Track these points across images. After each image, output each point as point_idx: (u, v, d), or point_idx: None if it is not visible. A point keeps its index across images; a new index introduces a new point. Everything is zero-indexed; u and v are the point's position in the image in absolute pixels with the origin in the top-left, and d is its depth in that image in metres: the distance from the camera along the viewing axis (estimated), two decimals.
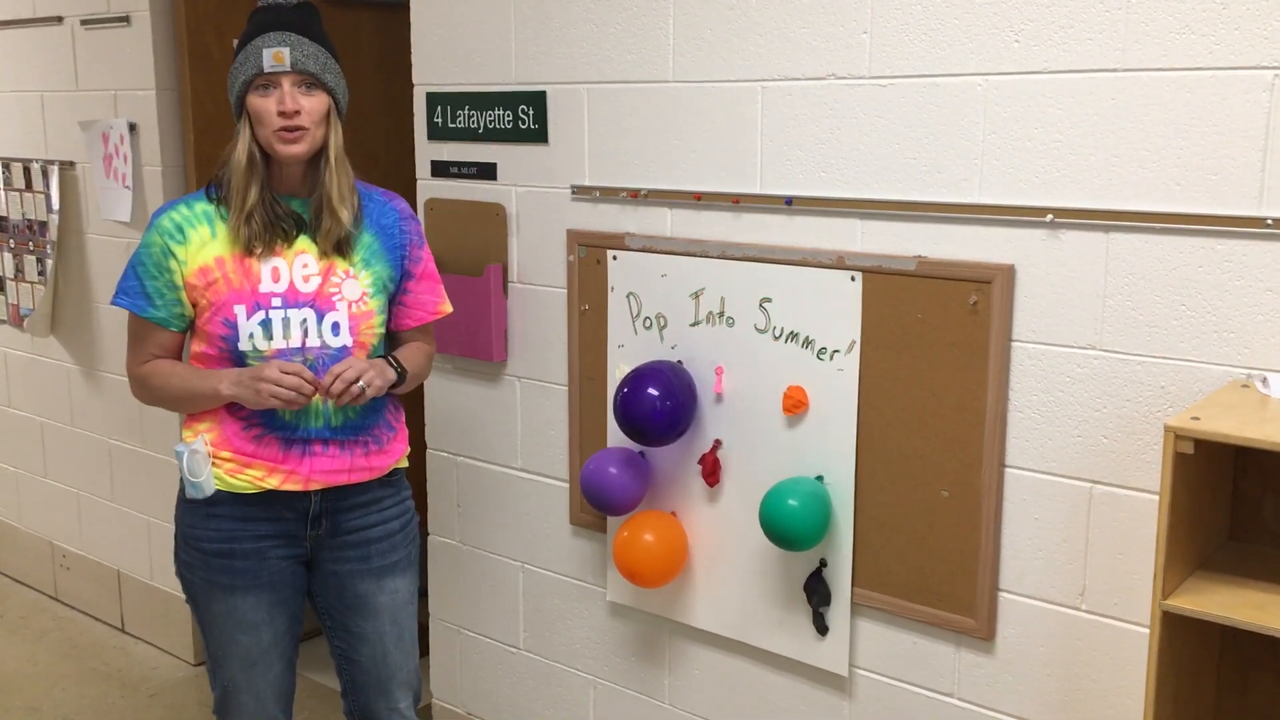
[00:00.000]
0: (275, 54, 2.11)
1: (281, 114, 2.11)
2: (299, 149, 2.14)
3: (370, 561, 2.32)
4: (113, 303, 2.24)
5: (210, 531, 2.21)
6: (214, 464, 2.19)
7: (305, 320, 2.18)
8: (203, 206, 2.19)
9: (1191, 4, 1.85)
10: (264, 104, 2.12)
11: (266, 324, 2.15)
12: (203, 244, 2.15)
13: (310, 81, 2.14)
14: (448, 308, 2.42)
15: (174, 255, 2.15)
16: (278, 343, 2.16)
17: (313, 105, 2.14)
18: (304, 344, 2.18)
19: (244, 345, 2.15)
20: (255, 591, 2.23)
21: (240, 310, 2.14)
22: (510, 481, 2.94)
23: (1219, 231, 1.87)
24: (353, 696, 2.40)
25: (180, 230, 2.15)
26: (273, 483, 2.20)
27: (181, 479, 2.21)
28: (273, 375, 2.09)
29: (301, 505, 2.24)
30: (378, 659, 2.35)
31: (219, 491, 2.19)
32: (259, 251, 2.16)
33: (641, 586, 2.58)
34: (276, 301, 2.16)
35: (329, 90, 2.17)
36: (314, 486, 2.23)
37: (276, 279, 2.17)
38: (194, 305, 2.18)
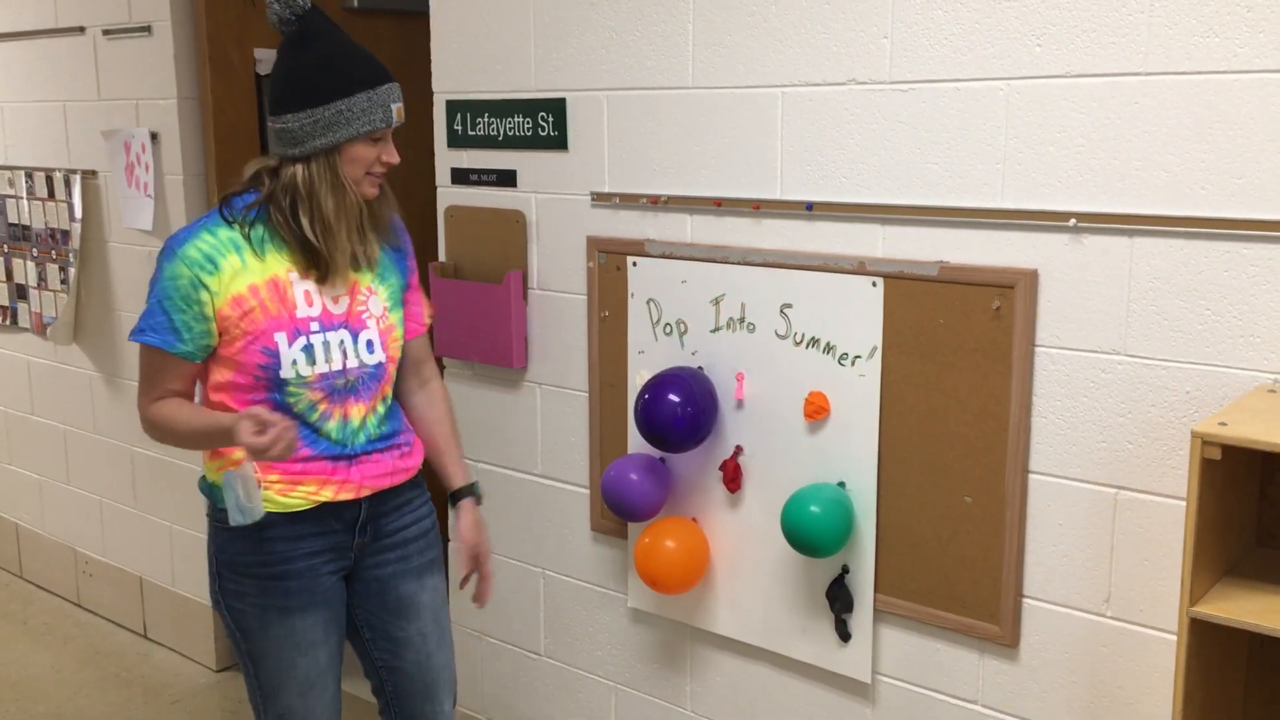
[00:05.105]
0: (399, 110, 2.14)
1: (383, 163, 2.15)
2: (376, 193, 2.20)
3: (410, 561, 2.34)
4: (138, 340, 2.13)
5: (264, 555, 2.18)
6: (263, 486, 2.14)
7: (342, 342, 2.17)
8: (226, 233, 2.12)
9: (1215, 7, 1.84)
10: (369, 151, 2.12)
11: (309, 349, 2.13)
12: (235, 273, 2.10)
13: None
14: (430, 318, 2.44)
15: (205, 286, 2.08)
16: (320, 367, 2.14)
17: None
18: (344, 366, 2.17)
19: (286, 373, 2.12)
20: (312, 611, 2.21)
21: (281, 338, 2.11)
22: (531, 488, 2.94)
23: (1244, 235, 1.86)
24: (396, 708, 2.39)
25: (211, 261, 2.08)
26: (326, 495, 2.18)
27: (222, 506, 2.15)
28: (255, 444, 1.97)
29: (350, 514, 2.24)
30: (422, 661, 2.36)
31: (268, 513, 2.14)
32: (315, 277, 2.15)
33: (663, 593, 2.58)
34: (314, 326, 2.14)
35: None
36: (365, 493, 2.23)
37: (310, 303, 2.15)
38: (221, 335, 2.13)
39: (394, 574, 2.32)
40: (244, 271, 2.10)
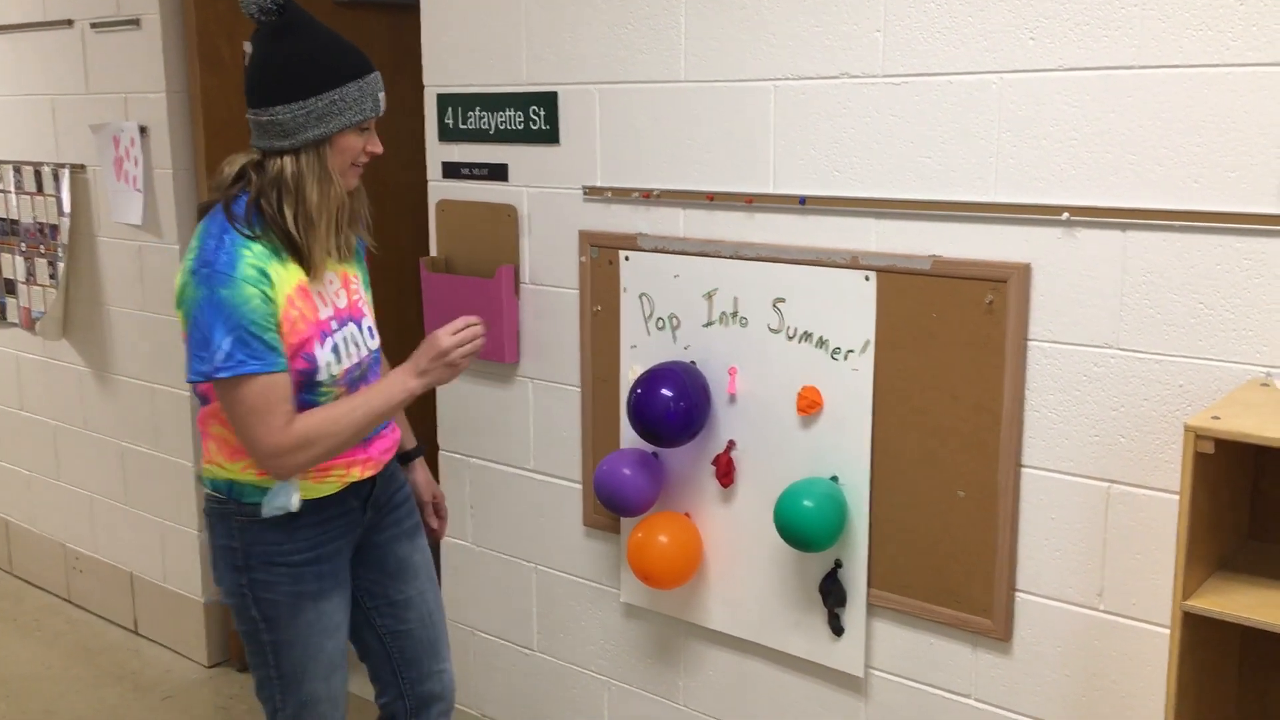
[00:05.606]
0: (383, 99, 2.15)
1: (368, 154, 2.16)
2: (355, 185, 2.20)
3: (402, 524, 2.39)
4: (241, 372, 1.99)
5: (299, 543, 2.19)
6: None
7: (354, 334, 2.20)
8: (257, 246, 2.07)
9: (1207, 0, 1.84)
10: (357, 141, 2.12)
11: (336, 349, 2.15)
12: (277, 284, 2.07)
13: None
14: None
15: (272, 300, 2.04)
16: (345, 363, 2.16)
17: None
18: (359, 357, 2.21)
19: (322, 375, 2.12)
20: (337, 592, 2.25)
21: (315, 343, 2.11)
22: (523, 483, 2.94)
23: (1237, 229, 1.86)
24: (404, 674, 2.42)
25: (265, 275, 2.04)
26: (355, 474, 2.23)
27: (248, 501, 2.15)
28: (449, 343, 2.15)
29: (364, 491, 2.28)
30: (425, 619, 2.42)
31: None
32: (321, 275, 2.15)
33: (655, 588, 2.58)
34: (334, 324, 2.16)
35: None
36: (380, 468, 2.29)
37: (324, 302, 2.16)
38: None
39: (390, 538, 2.37)
40: (280, 283, 2.07)
